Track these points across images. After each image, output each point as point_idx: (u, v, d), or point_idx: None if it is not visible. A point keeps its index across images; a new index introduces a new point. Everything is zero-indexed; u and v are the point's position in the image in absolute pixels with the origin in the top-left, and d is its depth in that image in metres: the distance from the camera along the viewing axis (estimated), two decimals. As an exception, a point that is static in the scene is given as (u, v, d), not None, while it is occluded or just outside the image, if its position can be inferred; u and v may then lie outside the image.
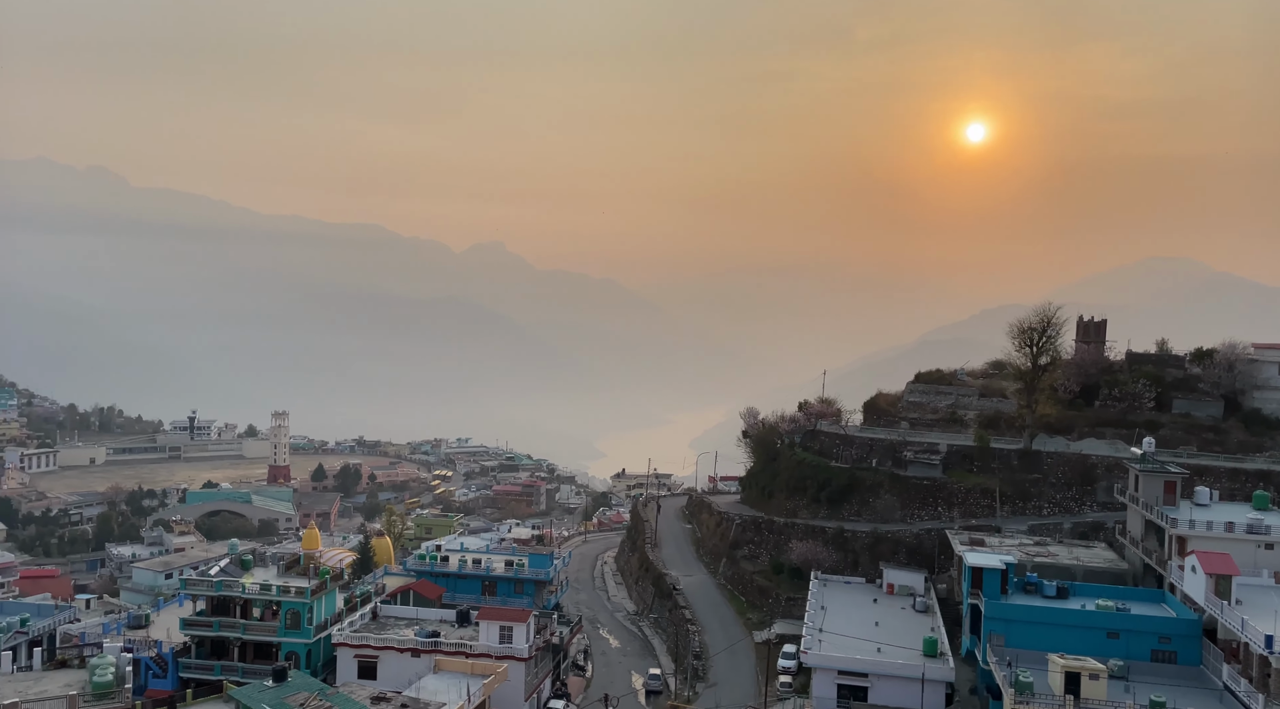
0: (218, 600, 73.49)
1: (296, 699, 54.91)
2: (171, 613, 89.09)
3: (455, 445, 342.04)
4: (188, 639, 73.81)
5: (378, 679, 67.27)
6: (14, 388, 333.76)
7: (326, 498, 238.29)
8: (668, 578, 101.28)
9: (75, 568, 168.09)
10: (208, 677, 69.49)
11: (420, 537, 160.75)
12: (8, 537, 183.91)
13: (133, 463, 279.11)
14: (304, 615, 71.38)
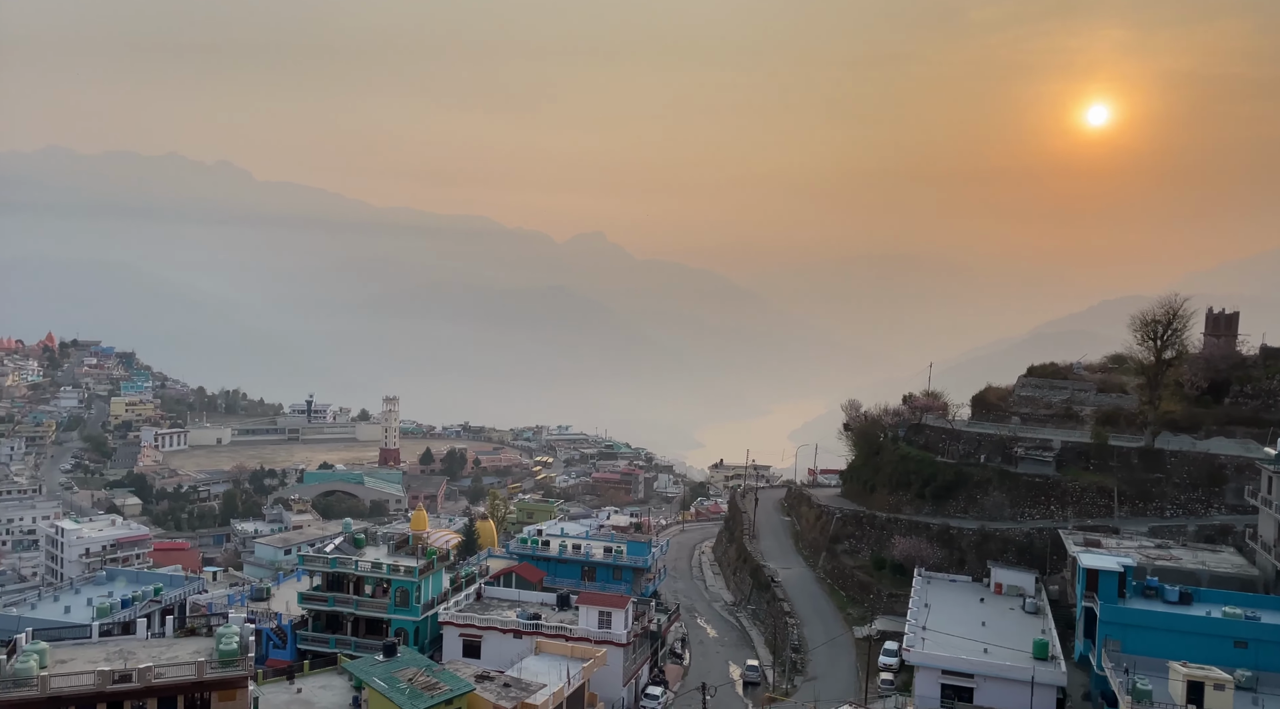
0: (333, 577, 76.83)
1: (405, 674, 57.00)
2: (290, 587, 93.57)
3: (556, 432, 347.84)
4: (305, 613, 77.48)
5: (481, 658, 69.14)
6: (149, 371, 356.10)
7: (433, 481, 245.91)
8: (766, 570, 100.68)
9: (203, 542, 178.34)
10: (323, 649, 72.89)
11: (522, 521, 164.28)
12: (143, 511, 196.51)
13: (255, 444, 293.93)
14: (412, 594, 73.97)
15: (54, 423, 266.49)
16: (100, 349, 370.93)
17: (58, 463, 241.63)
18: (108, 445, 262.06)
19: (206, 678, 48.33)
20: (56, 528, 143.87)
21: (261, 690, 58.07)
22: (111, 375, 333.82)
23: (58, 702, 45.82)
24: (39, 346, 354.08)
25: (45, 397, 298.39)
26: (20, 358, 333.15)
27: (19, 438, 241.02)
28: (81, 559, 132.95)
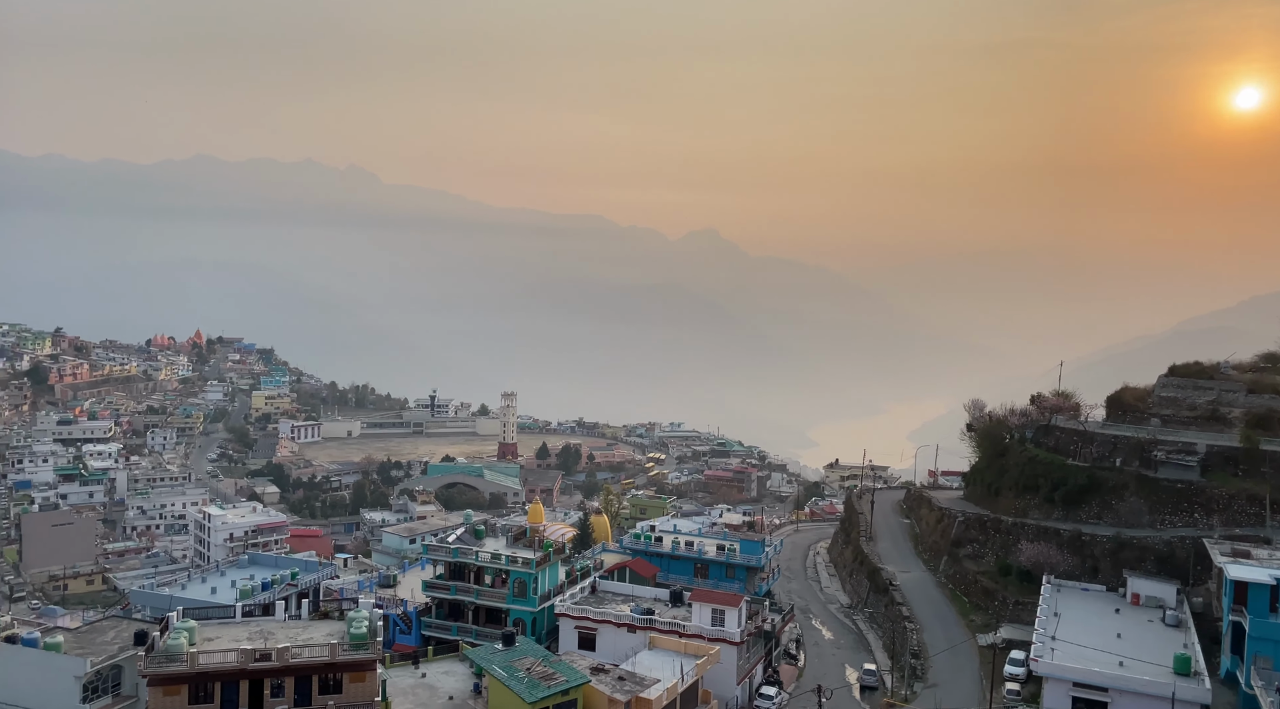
0: (454, 566, 79.35)
1: (524, 663, 58.38)
2: (415, 575, 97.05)
3: (668, 429, 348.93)
4: (429, 600, 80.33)
5: (596, 651, 70.11)
6: (286, 366, 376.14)
7: (549, 475, 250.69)
8: (884, 573, 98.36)
9: (335, 529, 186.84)
10: (446, 636, 75.43)
11: (635, 516, 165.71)
12: (280, 499, 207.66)
13: (382, 436, 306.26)
14: (530, 585, 75.65)
15: (201, 415, 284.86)
16: (242, 346, 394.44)
17: (205, 452, 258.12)
18: (249, 436, 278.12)
19: (339, 659, 50.70)
20: (204, 513, 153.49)
21: (389, 673, 60.50)
22: (253, 370, 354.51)
23: (205, 677, 48.98)
24: (189, 343, 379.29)
25: (194, 390, 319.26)
26: (172, 354, 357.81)
27: (171, 429, 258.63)
28: (226, 543, 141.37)
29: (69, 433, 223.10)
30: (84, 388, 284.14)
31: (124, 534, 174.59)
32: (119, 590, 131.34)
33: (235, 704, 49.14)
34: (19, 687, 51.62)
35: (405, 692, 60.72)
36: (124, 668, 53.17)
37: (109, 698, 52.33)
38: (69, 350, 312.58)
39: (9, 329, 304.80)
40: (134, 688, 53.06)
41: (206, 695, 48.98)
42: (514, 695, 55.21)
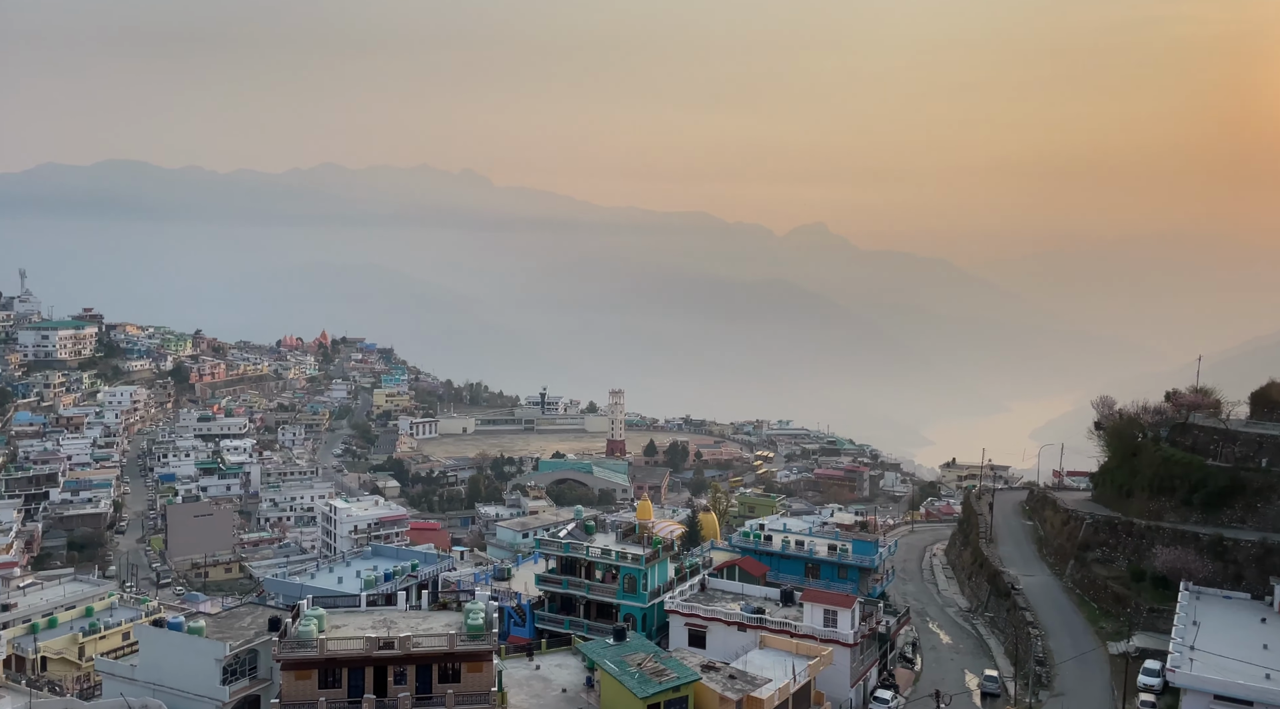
0: (566, 560, 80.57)
1: (635, 659, 58.79)
2: (528, 569, 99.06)
3: (776, 427, 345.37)
4: (542, 594, 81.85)
5: (706, 648, 69.98)
6: (405, 365, 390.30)
7: (657, 472, 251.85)
8: (1005, 576, 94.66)
9: (451, 523, 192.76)
10: (558, 629, 76.68)
11: (743, 514, 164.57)
12: (400, 493, 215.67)
13: (495, 433, 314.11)
14: (640, 581, 76.11)
15: (327, 412, 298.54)
16: (364, 346, 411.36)
17: (331, 448, 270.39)
18: (371, 433, 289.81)
19: (457, 649, 52.21)
20: (330, 506, 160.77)
21: (504, 665, 61.93)
22: (374, 369, 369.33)
23: (333, 662, 51.24)
24: (315, 344, 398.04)
25: (320, 388, 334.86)
26: (301, 354, 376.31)
27: (300, 425, 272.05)
28: (350, 535, 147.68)
29: (208, 429, 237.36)
30: (221, 386, 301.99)
31: (258, 525, 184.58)
32: (254, 578, 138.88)
33: (361, 689, 51.23)
34: (166, 667, 55.21)
35: (520, 683, 62.01)
36: (259, 652, 56.18)
37: (246, 680, 55.38)
38: (207, 351, 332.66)
39: (154, 331, 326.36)
40: (269, 671, 55.97)
41: (335, 680, 51.24)
42: (626, 690, 55.67)
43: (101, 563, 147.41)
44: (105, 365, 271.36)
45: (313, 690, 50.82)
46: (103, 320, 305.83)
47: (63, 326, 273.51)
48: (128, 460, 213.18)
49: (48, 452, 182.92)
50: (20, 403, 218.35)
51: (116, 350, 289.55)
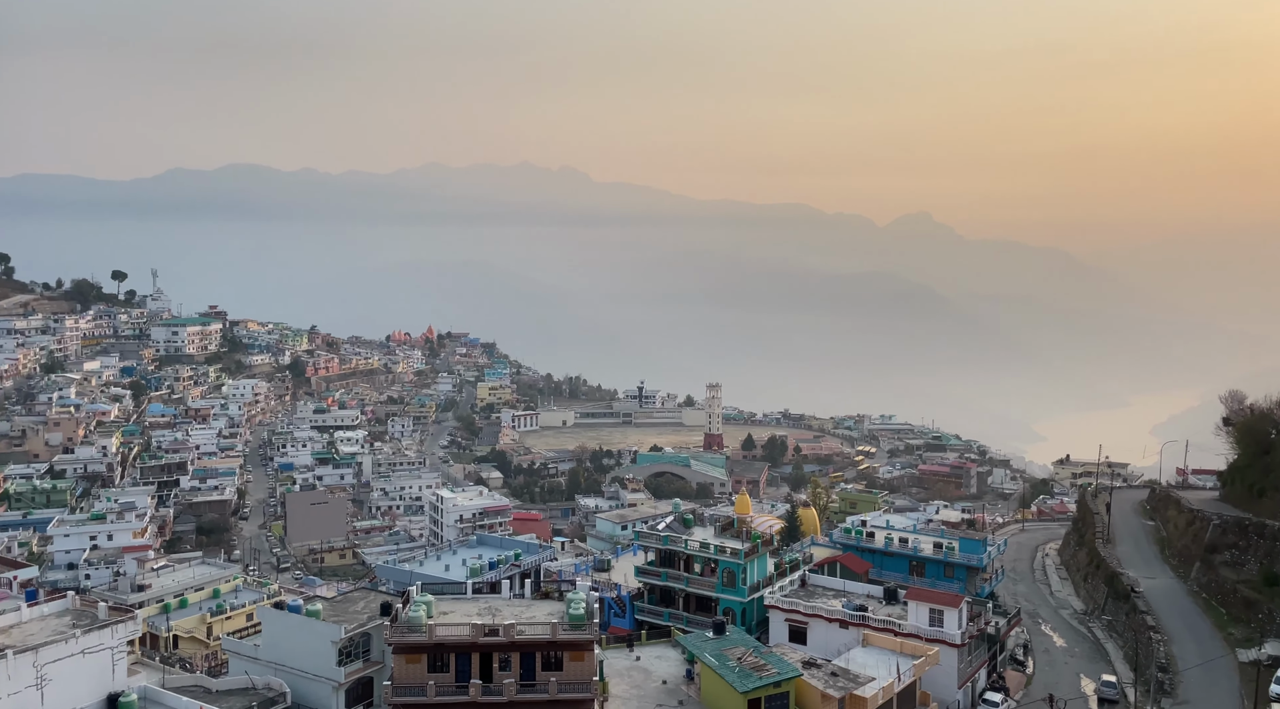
0: (664, 553, 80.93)
1: (734, 653, 58.67)
2: (627, 560, 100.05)
3: (878, 421, 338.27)
4: (641, 585, 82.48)
5: (807, 644, 69.23)
6: (507, 359, 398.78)
7: (755, 466, 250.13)
8: (1124, 578, 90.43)
9: (552, 514, 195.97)
10: (658, 621, 77.13)
11: (844, 511, 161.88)
12: (503, 483, 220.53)
13: (594, 426, 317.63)
14: (739, 575, 75.84)
15: (434, 405, 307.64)
16: (469, 340, 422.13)
17: (437, 439, 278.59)
18: (475, 425, 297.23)
19: (559, 638, 53.09)
20: (437, 496, 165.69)
21: (605, 655, 62.71)
22: (478, 363, 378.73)
23: (441, 648, 52.84)
24: (422, 338, 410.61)
25: (427, 382, 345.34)
26: (408, 348, 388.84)
27: (408, 417, 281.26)
28: (456, 524, 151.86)
29: (323, 420, 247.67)
30: (335, 380, 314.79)
31: (370, 513, 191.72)
32: (366, 564, 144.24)
33: (468, 674, 52.67)
34: (286, 647, 58.00)
35: (621, 673, 62.67)
36: (372, 635, 58.40)
37: (360, 662, 57.66)
38: (322, 346, 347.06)
39: (274, 327, 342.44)
40: (381, 654, 58.14)
41: (443, 665, 52.84)
42: (726, 684, 55.62)
43: (227, 547, 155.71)
44: (229, 360, 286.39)
45: (422, 674, 52.53)
46: (226, 317, 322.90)
47: (191, 323, 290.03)
48: (250, 450, 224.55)
49: (178, 441, 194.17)
50: (153, 395, 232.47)
51: (239, 345, 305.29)
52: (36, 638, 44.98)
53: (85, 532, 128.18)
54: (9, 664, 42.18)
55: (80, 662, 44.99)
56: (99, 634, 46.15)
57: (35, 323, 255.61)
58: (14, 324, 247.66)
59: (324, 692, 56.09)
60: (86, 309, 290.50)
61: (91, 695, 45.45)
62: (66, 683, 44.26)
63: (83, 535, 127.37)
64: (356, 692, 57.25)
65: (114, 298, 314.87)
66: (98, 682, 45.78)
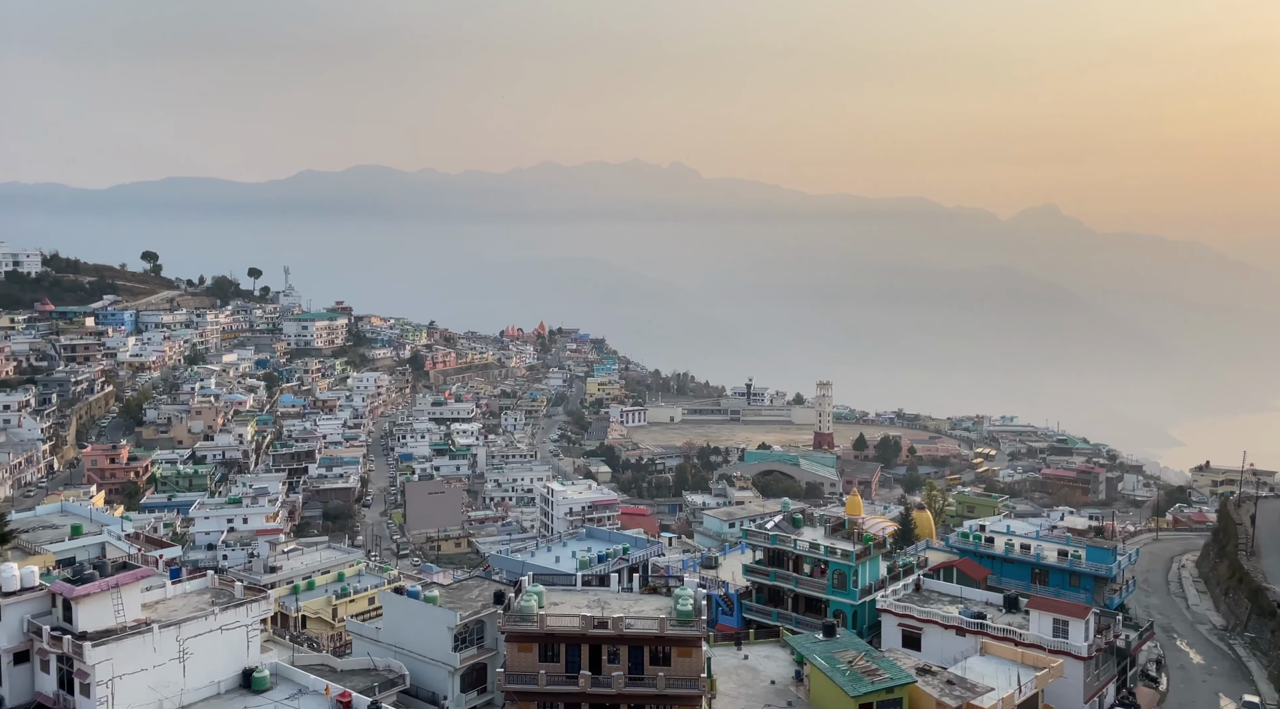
0: (773, 553, 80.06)
1: (845, 656, 57.58)
2: (735, 558, 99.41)
3: (999, 423, 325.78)
4: (749, 584, 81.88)
5: (921, 651, 67.31)
6: (616, 355, 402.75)
7: (867, 467, 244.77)
8: (1270, 593, 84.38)
9: (659, 509, 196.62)
10: (766, 621, 76.41)
11: (961, 514, 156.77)
12: (611, 478, 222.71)
13: (701, 423, 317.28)
14: (849, 577, 74.34)
15: (545, 399, 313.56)
16: (578, 336, 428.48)
17: (548, 433, 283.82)
18: (584, 419, 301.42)
19: (667, 633, 53.23)
20: (548, 489, 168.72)
21: (713, 652, 62.53)
22: (587, 359, 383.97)
23: (552, 637, 53.81)
24: (534, 334, 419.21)
25: (538, 376, 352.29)
26: (521, 344, 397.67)
27: (520, 411, 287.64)
28: (566, 517, 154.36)
29: (440, 413, 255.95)
30: (451, 374, 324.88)
31: (483, 504, 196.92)
32: (480, 553, 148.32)
33: (577, 665, 53.45)
34: (405, 631, 60.20)
35: (729, 671, 62.39)
36: (486, 623, 59.94)
37: (474, 649, 59.29)
38: (440, 341, 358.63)
39: (395, 323, 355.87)
40: (494, 642, 59.62)
41: (554, 655, 53.81)
42: (836, 688, 54.65)
43: (350, 533, 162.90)
44: (354, 353, 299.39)
45: (534, 663, 53.62)
46: (352, 312, 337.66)
47: (319, 318, 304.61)
48: (372, 440, 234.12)
49: (307, 430, 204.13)
50: (285, 387, 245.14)
51: (363, 340, 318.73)
52: (179, 614, 48.06)
53: (223, 515, 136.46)
54: (155, 637, 45.20)
55: (218, 637, 47.82)
56: (235, 612, 48.94)
57: (180, 317, 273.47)
58: (161, 318, 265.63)
59: (440, 675, 57.93)
60: (225, 304, 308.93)
61: (228, 670, 48.24)
62: (205, 657, 47.12)
63: (220, 518, 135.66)
64: (471, 677, 58.90)
65: (250, 294, 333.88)
66: (234, 656, 48.56)
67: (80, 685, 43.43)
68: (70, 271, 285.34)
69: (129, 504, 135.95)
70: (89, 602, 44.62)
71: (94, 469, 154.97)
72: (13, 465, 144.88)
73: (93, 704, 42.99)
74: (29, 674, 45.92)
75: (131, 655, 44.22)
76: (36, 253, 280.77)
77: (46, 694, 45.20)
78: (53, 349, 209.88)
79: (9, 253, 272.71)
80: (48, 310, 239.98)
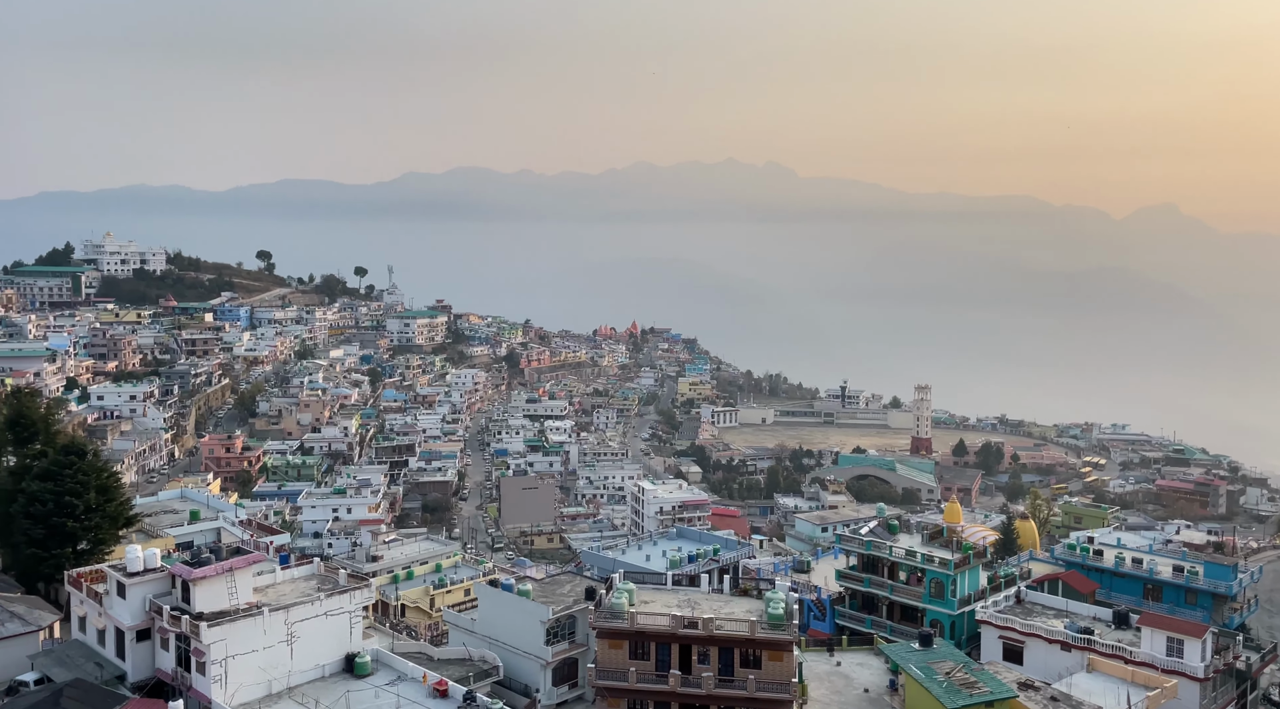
0: (867, 559, 78.49)
1: (943, 667, 56.03)
2: (827, 563, 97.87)
3: (1110, 431, 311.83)
4: (842, 590, 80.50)
5: (1023, 665, 65.00)
6: (707, 355, 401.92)
7: (967, 474, 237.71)
8: None
9: (750, 511, 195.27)
10: (859, 628, 74.99)
11: (1067, 525, 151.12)
12: (702, 478, 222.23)
13: (794, 425, 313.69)
14: (948, 586, 72.30)
15: (636, 398, 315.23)
16: (671, 336, 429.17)
17: (639, 432, 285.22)
18: (675, 419, 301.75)
19: (758, 636, 52.80)
20: (639, 487, 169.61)
21: (804, 657, 61.72)
22: (678, 359, 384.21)
23: (642, 635, 54.03)
24: (626, 333, 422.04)
25: (630, 376, 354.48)
26: (613, 343, 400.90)
27: (612, 409, 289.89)
28: (656, 516, 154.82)
29: (534, 410, 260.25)
30: (545, 372, 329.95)
31: (575, 500, 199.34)
32: (571, 549, 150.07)
33: (667, 664, 53.52)
34: (499, 623, 61.35)
35: (820, 677, 61.46)
36: (577, 618, 60.58)
37: (566, 643, 60.00)
38: (534, 339, 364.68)
39: (491, 321, 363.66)
40: (585, 637, 60.20)
41: (644, 653, 54.01)
42: (933, 699, 53.20)
43: (448, 525, 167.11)
44: (452, 350, 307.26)
45: (624, 660, 53.93)
46: (451, 310, 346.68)
47: (420, 316, 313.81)
48: (469, 435, 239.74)
49: (407, 425, 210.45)
50: (387, 382, 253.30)
51: (461, 337, 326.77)
52: (288, 598, 50.16)
53: (328, 504, 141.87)
54: (265, 620, 47.31)
55: (324, 622, 49.71)
56: (340, 598, 50.79)
57: (291, 314, 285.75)
58: (274, 315, 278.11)
59: (533, 668, 58.86)
60: (333, 302, 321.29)
61: (332, 654, 50.11)
62: (311, 640, 49.05)
63: (326, 507, 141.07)
64: (563, 671, 59.63)
65: (356, 292, 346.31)
66: (338, 641, 50.40)
67: (196, 664, 45.79)
68: (191, 269, 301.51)
69: (242, 492, 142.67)
70: (206, 584, 47.00)
71: (211, 458, 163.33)
72: (138, 452, 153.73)
73: (208, 682, 45.26)
74: (150, 651, 48.65)
75: (244, 637, 46.40)
76: (161, 252, 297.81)
77: (166, 670, 47.80)
78: (175, 343, 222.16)
79: (137, 251, 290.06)
80: (171, 306, 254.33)
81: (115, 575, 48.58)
